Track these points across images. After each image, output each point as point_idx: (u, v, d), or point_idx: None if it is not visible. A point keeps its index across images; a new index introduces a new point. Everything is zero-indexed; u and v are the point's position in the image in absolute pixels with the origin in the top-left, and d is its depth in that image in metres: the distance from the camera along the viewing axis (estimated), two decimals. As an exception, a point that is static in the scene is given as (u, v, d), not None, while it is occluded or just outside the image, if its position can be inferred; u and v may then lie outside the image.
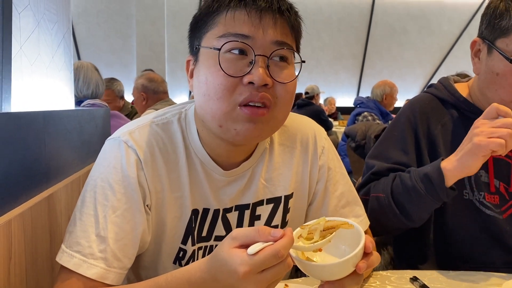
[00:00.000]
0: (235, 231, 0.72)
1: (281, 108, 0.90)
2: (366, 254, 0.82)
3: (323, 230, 0.80)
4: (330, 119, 6.97)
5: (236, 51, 0.86)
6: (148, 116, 1.00)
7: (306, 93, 6.80)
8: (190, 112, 1.00)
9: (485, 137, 1.04)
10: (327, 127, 6.24)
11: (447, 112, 1.34)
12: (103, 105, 2.71)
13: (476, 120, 1.10)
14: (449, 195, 1.14)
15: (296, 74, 0.92)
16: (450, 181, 1.12)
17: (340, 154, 4.60)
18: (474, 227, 1.27)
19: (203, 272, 0.74)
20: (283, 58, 0.89)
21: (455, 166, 1.11)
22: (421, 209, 1.18)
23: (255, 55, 0.85)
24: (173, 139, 0.96)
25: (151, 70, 5.06)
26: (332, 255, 0.88)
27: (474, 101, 1.33)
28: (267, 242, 0.69)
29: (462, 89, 1.36)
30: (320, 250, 0.84)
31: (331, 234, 0.80)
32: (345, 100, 10.64)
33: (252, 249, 0.68)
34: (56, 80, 1.40)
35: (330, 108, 9.45)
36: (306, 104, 6.08)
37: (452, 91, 1.35)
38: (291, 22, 0.90)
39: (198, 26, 0.92)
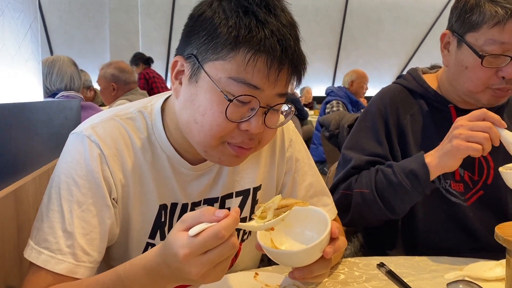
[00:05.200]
0: (185, 215, 0.72)
1: (261, 146, 0.93)
2: (332, 239, 0.84)
3: (277, 209, 0.79)
4: (306, 109, 7.02)
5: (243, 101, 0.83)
6: (111, 110, 0.98)
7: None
8: (157, 108, 0.98)
9: (463, 140, 1.08)
10: (303, 116, 6.29)
11: (416, 102, 1.37)
12: (77, 97, 2.66)
13: (457, 119, 1.13)
14: (431, 189, 1.19)
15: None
16: (433, 176, 1.17)
17: (313, 143, 4.66)
18: (440, 214, 1.31)
19: (157, 257, 0.74)
20: (278, 109, 0.89)
21: (437, 163, 1.15)
22: (405, 203, 1.22)
23: (259, 106, 0.83)
24: (137, 134, 0.95)
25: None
26: (300, 242, 0.89)
27: (442, 92, 1.36)
28: (211, 222, 0.68)
29: (431, 80, 1.40)
30: (272, 229, 0.83)
31: (285, 212, 0.79)
32: (321, 89, 10.63)
33: (193, 230, 0.67)
34: (22, 71, 1.37)
35: (307, 98, 9.50)
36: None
37: (420, 82, 1.38)
38: (300, 76, 0.88)
39: (204, 39, 0.83)
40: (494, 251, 1.00)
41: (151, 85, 5.57)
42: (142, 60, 5.91)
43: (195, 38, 0.86)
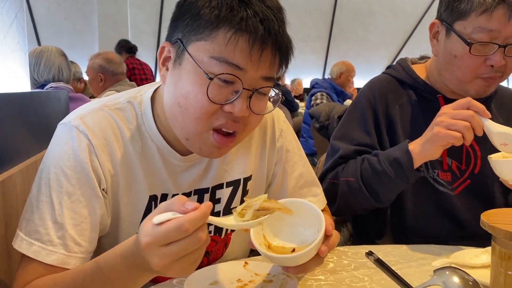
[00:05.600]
0: (162, 203, 0.71)
1: (247, 133, 0.92)
2: (326, 236, 0.83)
3: (258, 210, 0.77)
4: (296, 101, 7.03)
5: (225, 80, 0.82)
6: (100, 100, 0.97)
7: (272, 74, 6.79)
8: (146, 98, 0.97)
9: (443, 128, 1.09)
10: (293, 108, 6.30)
11: (405, 92, 1.38)
12: (67, 88, 2.64)
13: (443, 107, 1.14)
14: (416, 177, 1.19)
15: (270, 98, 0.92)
16: (417, 163, 1.17)
17: (302, 137, 4.69)
18: (427, 203, 1.32)
19: (132, 245, 0.72)
20: (264, 92, 0.88)
21: (420, 150, 1.15)
22: (390, 191, 1.23)
23: (242, 88, 0.83)
24: (126, 125, 0.94)
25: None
26: (292, 237, 0.88)
27: (431, 82, 1.37)
28: (181, 213, 0.66)
29: (420, 70, 1.41)
30: (247, 230, 0.80)
31: (264, 216, 0.77)
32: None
33: (157, 218, 0.65)
34: (8, 62, 1.35)
35: (298, 90, 9.51)
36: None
37: (409, 72, 1.39)
38: (286, 59, 0.88)
39: (188, 21, 0.84)
40: (481, 239, 1.01)
41: (130, 77, 5.42)
42: (125, 48, 5.77)
43: (180, 23, 0.86)
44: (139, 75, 5.52)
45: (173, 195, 0.99)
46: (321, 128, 3.30)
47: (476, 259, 0.98)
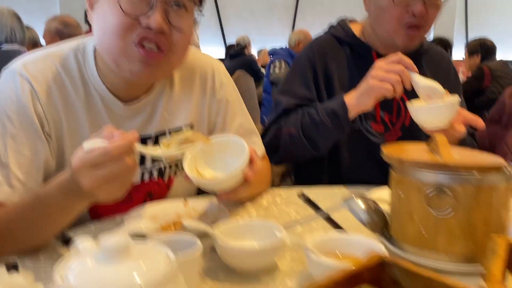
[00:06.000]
0: (94, 133, 0.78)
1: (176, 54, 0.96)
2: (251, 163, 0.91)
3: (183, 143, 0.86)
4: (262, 70, 7.05)
5: None
6: (44, 48, 1.01)
7: (238, 44, 6.81)
8: (89, 47, 1.02)
9: (377, 80, 1.18)
10: (259, 77, 6.31)
11: (342, 49, 1.47)
12: (21, 50, 2.61)
13: (376, 61, 1.23)
14: (351, 127, 1.29)
15: (195, 24, 0.97)
16: (352, 114, 1.26)
17: (264, 105, 4.71)
18: (361, 152, 1.44)
19: (67, 172, 0.79)
20: (183, 5, 0.92)
21: (356, 102, 1.25)
22: (327, 141, 1.33)
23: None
24: (69, 73, 0.99)
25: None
26: (222, 170, 0.94)
27: (366, 39, 1.47)
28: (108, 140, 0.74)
29: (357, 28, 1.50)
30: (171, 158, 0.87)
31: (187, 144, 0.86)
32: (279, 51, 10.70)
33: (86, 144, 0.74)
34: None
35: (265, 59, 9.49)
36: (238, 55, 6.13)
37: (346, 30, 1.49)
38: None
39: None
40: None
41: None
42: (86, 20, 5.65)
43: None
44: None
45: None
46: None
47: (392, 194, 1.09)
